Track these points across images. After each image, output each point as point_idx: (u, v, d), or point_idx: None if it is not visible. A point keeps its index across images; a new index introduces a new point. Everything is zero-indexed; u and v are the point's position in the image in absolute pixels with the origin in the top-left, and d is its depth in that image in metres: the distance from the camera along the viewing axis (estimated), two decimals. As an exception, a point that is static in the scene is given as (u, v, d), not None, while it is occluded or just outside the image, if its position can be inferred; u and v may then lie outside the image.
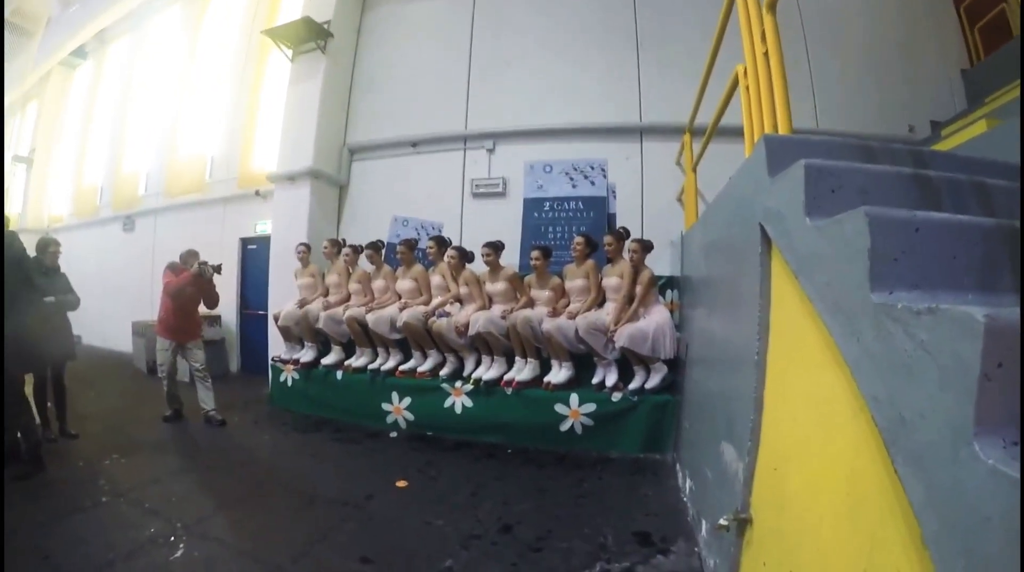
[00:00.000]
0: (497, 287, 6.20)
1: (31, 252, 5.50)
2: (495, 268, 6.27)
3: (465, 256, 6.59)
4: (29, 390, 5.26)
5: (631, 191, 7.82)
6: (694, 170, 5.73)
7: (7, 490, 4.46)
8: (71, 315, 6.06)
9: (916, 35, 8.37)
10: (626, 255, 5.82)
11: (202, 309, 6.99)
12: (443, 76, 9.14)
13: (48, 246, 6.07)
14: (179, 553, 3.61)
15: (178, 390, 6.83)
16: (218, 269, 6.77)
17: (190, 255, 6.81)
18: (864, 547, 1.42)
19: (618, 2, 8.49)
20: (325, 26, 9.00)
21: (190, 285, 6.57)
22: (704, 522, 3.38)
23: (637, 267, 5.70)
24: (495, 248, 6.25)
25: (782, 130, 2.62)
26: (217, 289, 6.98)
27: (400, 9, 9.73)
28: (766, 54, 2.86)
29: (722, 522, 2.36)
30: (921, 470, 1.12)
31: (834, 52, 8.05)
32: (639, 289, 5.61)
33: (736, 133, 3.36)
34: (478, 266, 6.59)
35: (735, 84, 3.53)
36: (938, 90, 8.08)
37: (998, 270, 1.33)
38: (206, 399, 6.77)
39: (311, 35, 9.01)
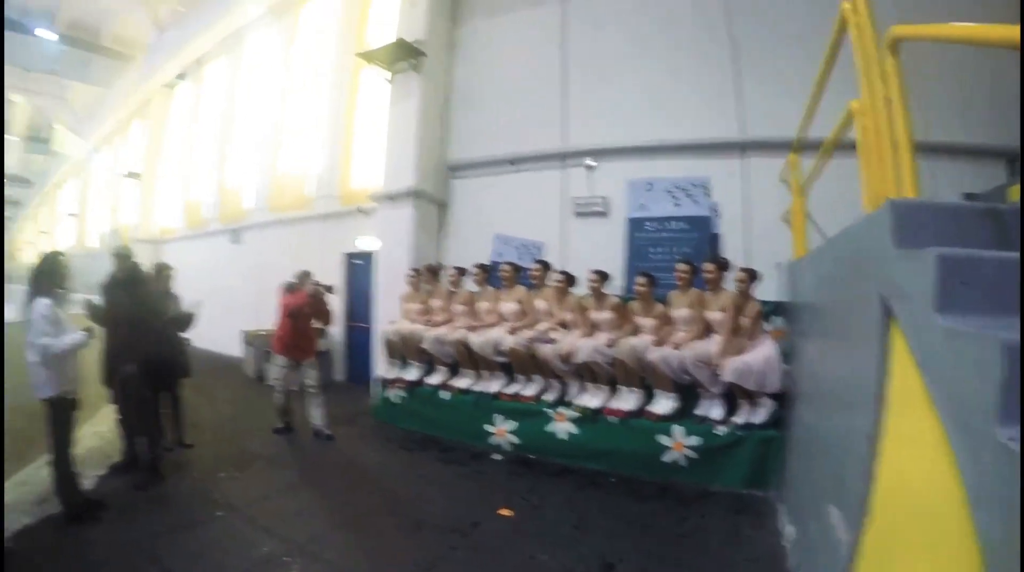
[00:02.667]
0: (602, 316, 6.34)
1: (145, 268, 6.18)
2: (600, 296, 6.42)
3: (569, 281, 6.81)
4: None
5: (735, 210, 7.67)
6: (802, 194, 5.58)
7: (129, 499, 5.01)
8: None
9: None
10: (731, 286, 5.85)
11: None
12: (538, 91, 9.19)
13: (162, 271, 6.64)
14: None
15: (291, 404, 7.24)
16: (331, 289, 7.29)
17: (304, 275, 7.21)
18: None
19: (712, 9, 8.22)
20: (417, 45, 9.26)
21: (306, 305, 7.03)
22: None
23: (744, 297, 5.70)
24: (602, 277, 6.42)
25: (908, 191, 2.50)
26: (330, 307, 7.45)
27: (490, 24, 9.88)
28: (889, 100, 2.65)
29: None
30: None
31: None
32: (745, 321, 5.62)
33: (851, 147, 3.26)
34: (581, 288, 6.78)
35: (849, 118, 3.37)
36: None
37: None
38: (316, 415, 7.15)
39: (405, 55, 9.31)
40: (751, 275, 5.74)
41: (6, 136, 28.37)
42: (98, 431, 6.91)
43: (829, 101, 3.97)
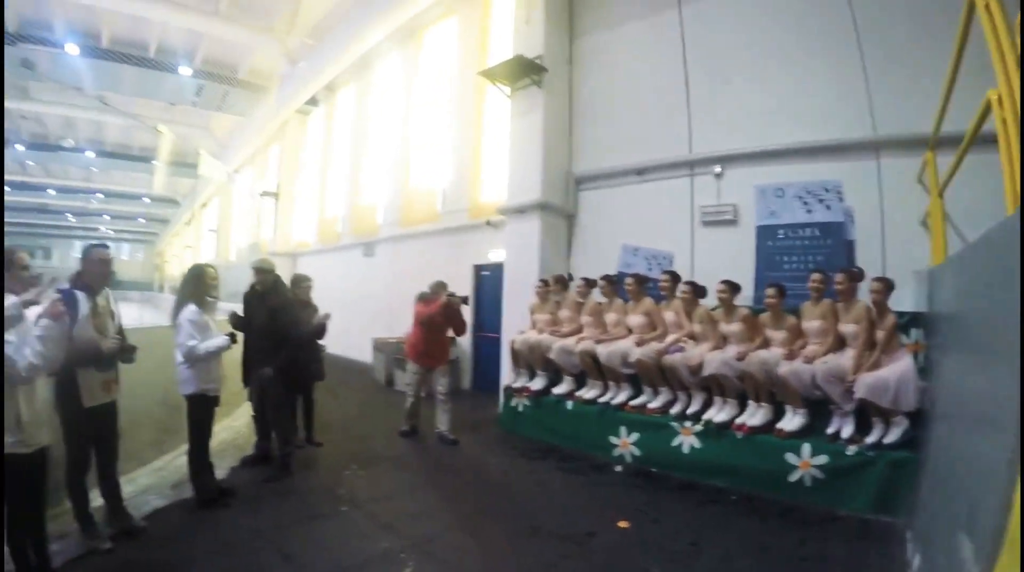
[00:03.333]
0: (732, 328, 6.38)
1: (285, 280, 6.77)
2: (730, 307, 6.46)
3: (698, 292, 6.89)
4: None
5: (870, 214, 7.33)
6: (940, 195, 5.40)
7: (258, 491, 5.54)
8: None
9: None
10: (866, 296, 5.72)
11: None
12: (662, 99, 9.18)
13: (301, 282, 7.25)
14: (407, 570, 4.10)
15: (419, 409, 7.73)
16: (465, 300, 7.59)
17: (439, 286, 7.63)
18: None
19: (835, 3, 7.80)
20: (537, 61, 9.53)
21: (439, 315, 7.37)
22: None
23: (879, 309, 5.55)
24: (732, 287, 6.47)
25: None
26: (463, 318, 7.81)
27: (607, 35, 9.97)
28: None
29: None
30: None
31: None
32: (880, 335, 5.46)
33: (991, 141, 3.13)
34: (711, 299, 6.84)
35: (987, 110, 3.27)
36: None
37: None
38: (443, 420, 7.58)
39: (525, 71, 9.63)
40: (887, 285, 5.59)
41: (153, 162, 31.92)
42: (234, 426, 7.71)
43: (966, 92, 3.85)
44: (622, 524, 5.03)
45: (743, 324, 6.31)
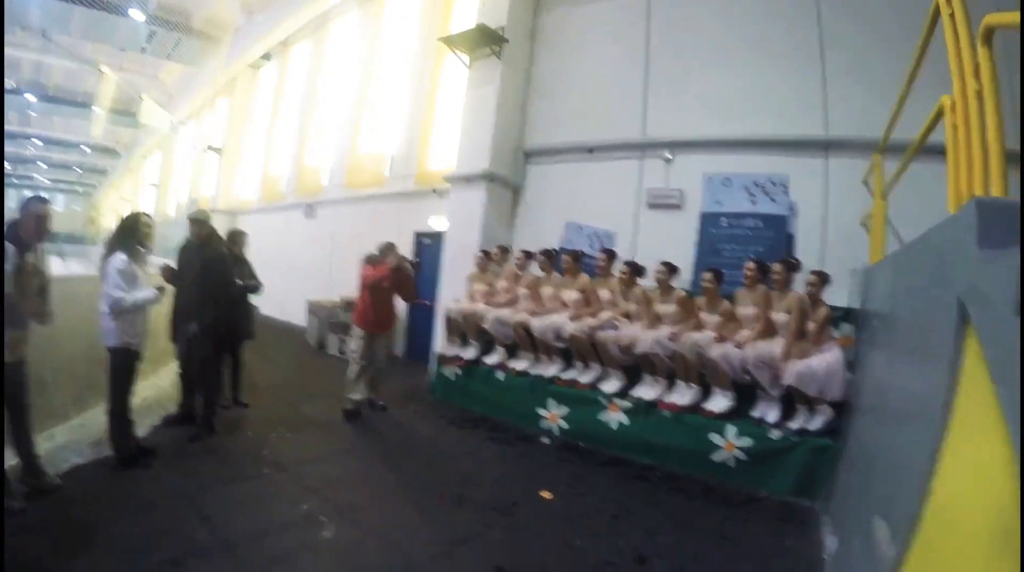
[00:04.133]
0: (667, 308, 6.37)
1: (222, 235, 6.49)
2: (666, 289, 6.45)
3: (637, 271, 6.84)
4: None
5: (813, 211, 7.48)
6: (884, 198, 5.43)
7: (181, 450, 5.33)
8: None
9: None
10: (803, 288, 5.77)
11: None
12: (620, 80, 9.16)
13: (237, 237, 6.95)
14: (329, 535, 4.04)
15: (364, 378, 7.06)
16: (416, 265, 7.25)
17: (388, 248, 7.12)
18: None
19: (801, 4, 8.02)
20: (499, 32, 9.39)
21: (388, 279, 6.92)
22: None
23: (813, 301, 5.61)
24: (670, 269, 6.45)
25: (996, 190, 2.37)
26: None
27: (573, 12, 9.86)
28: (979, 94, 2.54)
29: None
30: None
31: None
32: (812, 326, 5.52)
33: (939, 152, 3.18)
34: (648, 280, 6.81)
35: (939, 115, 3.28)
36: None
37: None
38: (375, 386, 7.27)
39: (486, 41, 9.45)
40: (822, 278, 5.66)
41: (92, 107, 30.41)
42: (159, 384, 7.29)
43: (918, 102, 3.88)
44: (546, 495, 5.06)
45: (678, 305, 6.29)
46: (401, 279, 7.07)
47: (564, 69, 9.80)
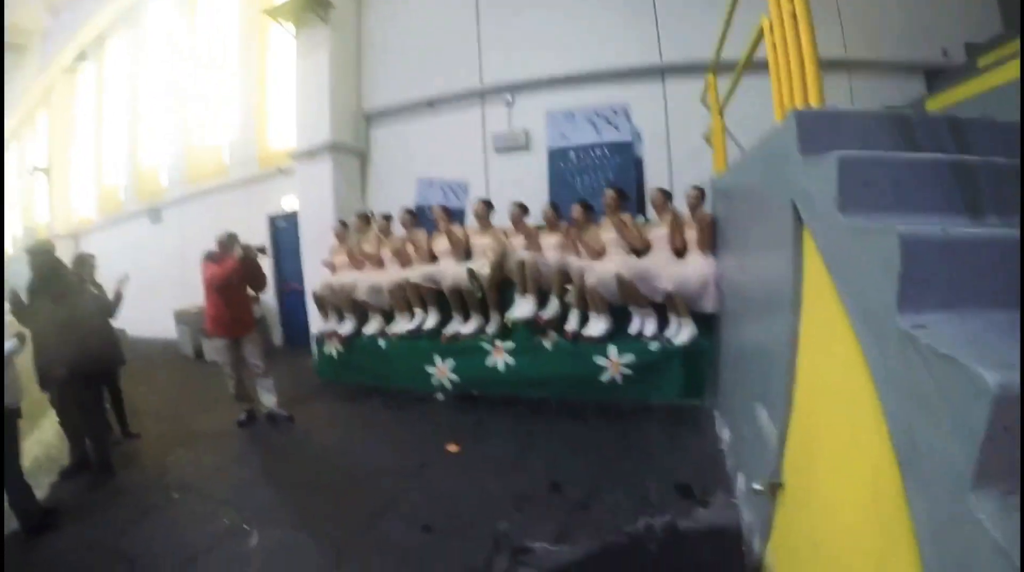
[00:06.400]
0: (550, 240, 6.40)
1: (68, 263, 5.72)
2: (552, 224, 6.53)
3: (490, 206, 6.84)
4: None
5: (658, 134, 7.76)
6: (721, 114, 5.56)
7: (85, 501, 4.77)
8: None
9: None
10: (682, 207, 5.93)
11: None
12: (453, 29, 9.07)
13: (85, 261, 6.13)
14: (256, 541, 3.83)
15: (246, 387, 6.41)
16: (263, 250, 6.38)
17: (230, 239, 6.33)
18: (878, 540, 1.55)
19: None
20: (324, -5, 8.95)
21: (235, 273, 6.04)
22: (741, 477, 3.55)
23: (694, 211, 5.69)
24: (554, 208, 6.57)
25: (813, 101, 2.60)
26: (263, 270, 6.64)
27: (399, -39, 9.58)
28: (794, 15, 2.75)
29: (756, 487, 2.55)
30: (926, 498, 1.25)
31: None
32: (695, 234, 5.55)
33: (763, 65, 3.28)
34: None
35: (760, 36, 3.41)
36: (971, 9, 7.68)
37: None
38: (268, 398, 6.40)
39: (311, 7, 8.98)
40: (701, 192, 5.76)
41: None
42: (43, 438, 6.45)
43: (744, 22, 3.98)
44: (452, 448, 5.11)
45: (560, 237, 6.34)
46: (249, 270, 6.27)
47: (395, 25, 9.57)
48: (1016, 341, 1.16)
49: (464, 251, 6.84)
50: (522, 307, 6.07)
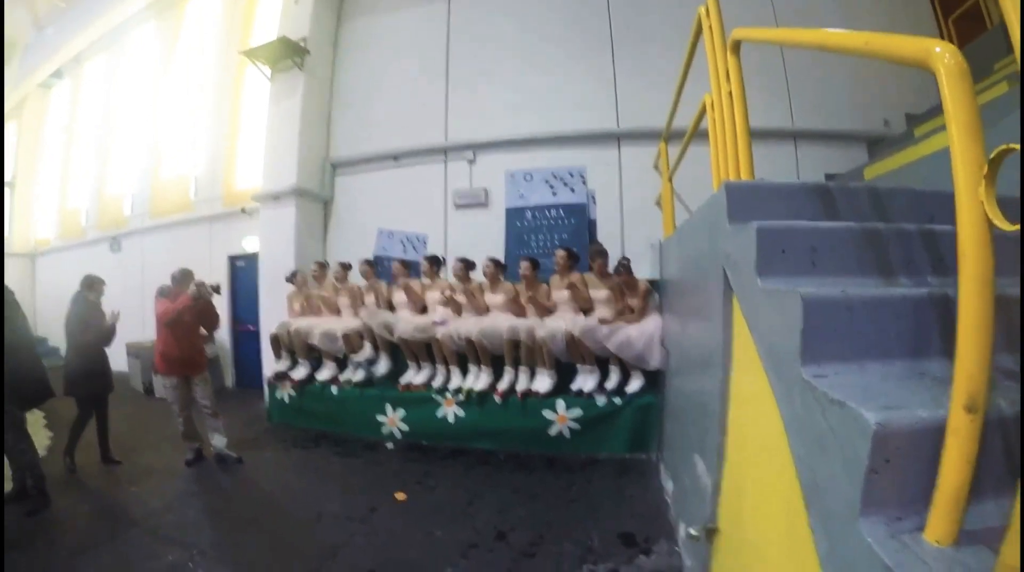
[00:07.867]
0: (496, 299, 6.52)
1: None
2: (494, 281, 6.63)
3: (469, 266, 6.87)
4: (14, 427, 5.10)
5: (611, 196, 8.05)
6: (670, 180, 5.79)
7: (27, 532, 4.54)
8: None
9: (891, 27, 8.36)
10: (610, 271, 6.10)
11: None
12: (421, 88, 9.31)
13: (94, 285, 6.38)
14: None
15: (195, 426, 6.28)
16: (217, 289, 6.18)
17: (184, 275, 6.24)
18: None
19: (591, 6, 8.69)
20: (301, 43, 9.17)
21: (187, 310, 5.95)
22: (682, 525, 3.63)
23: (627, 281, 5.86)
24: (496, 264, 6.66)
25: (743, 174, 2.76)
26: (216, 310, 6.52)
27: (375, 22, 9.88)
28: (731, 95, 2.94)
29: (692, 532, 2.64)
30: (825, 529, 1.42)
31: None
32: (635, 302, 5.78)
33: (707, 135, 3.48)
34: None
35: (703, 110, 3.65)
36: (912, 82, 8.14)
37: (927, 338, 1.62)
38: (217, 438, 6.27)
39: (288, 53, 9.18)
40: (628, 267, 5.89)
41: None
42: None
43: (692, 96, 4.21)
44: (400, 496, 5.09)
45: (505, 295, 6.42)
46: (202, 308, 6.15)
47: (367, 79, 9.80)
48: (912, 386, 1.40)
49: (421, 305, 6.97)
50: (480, 379, 6.23)
